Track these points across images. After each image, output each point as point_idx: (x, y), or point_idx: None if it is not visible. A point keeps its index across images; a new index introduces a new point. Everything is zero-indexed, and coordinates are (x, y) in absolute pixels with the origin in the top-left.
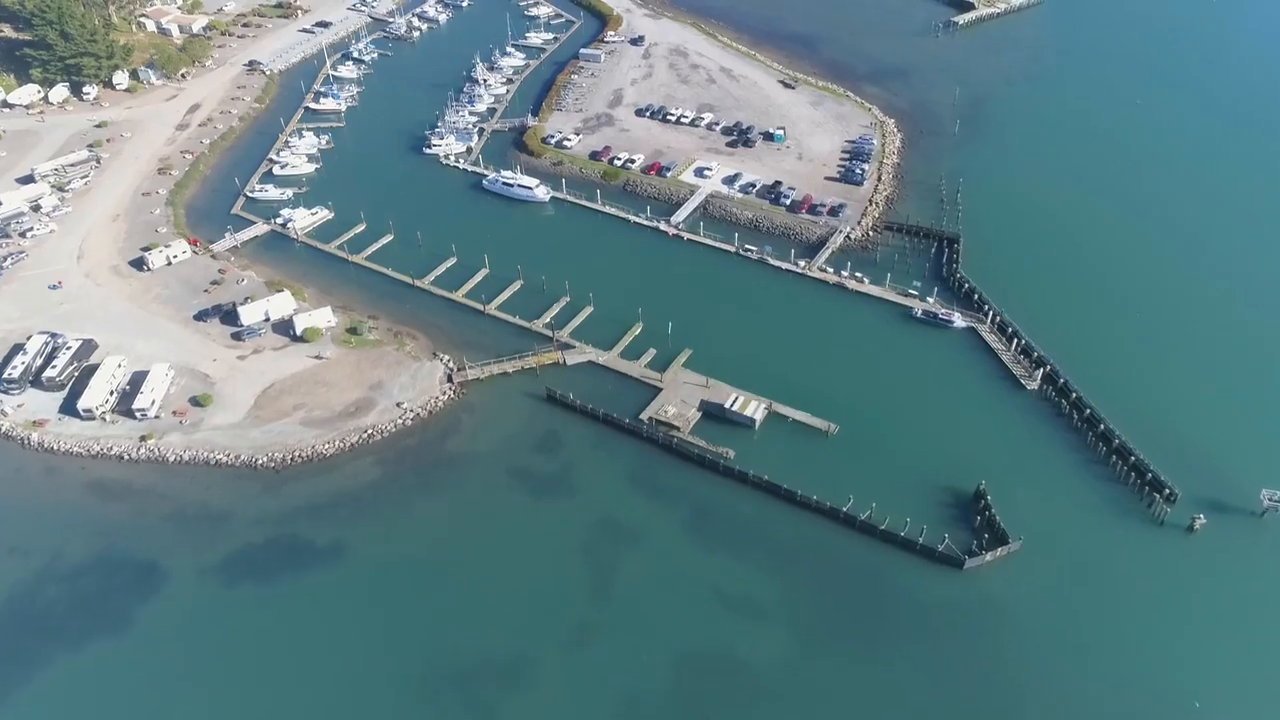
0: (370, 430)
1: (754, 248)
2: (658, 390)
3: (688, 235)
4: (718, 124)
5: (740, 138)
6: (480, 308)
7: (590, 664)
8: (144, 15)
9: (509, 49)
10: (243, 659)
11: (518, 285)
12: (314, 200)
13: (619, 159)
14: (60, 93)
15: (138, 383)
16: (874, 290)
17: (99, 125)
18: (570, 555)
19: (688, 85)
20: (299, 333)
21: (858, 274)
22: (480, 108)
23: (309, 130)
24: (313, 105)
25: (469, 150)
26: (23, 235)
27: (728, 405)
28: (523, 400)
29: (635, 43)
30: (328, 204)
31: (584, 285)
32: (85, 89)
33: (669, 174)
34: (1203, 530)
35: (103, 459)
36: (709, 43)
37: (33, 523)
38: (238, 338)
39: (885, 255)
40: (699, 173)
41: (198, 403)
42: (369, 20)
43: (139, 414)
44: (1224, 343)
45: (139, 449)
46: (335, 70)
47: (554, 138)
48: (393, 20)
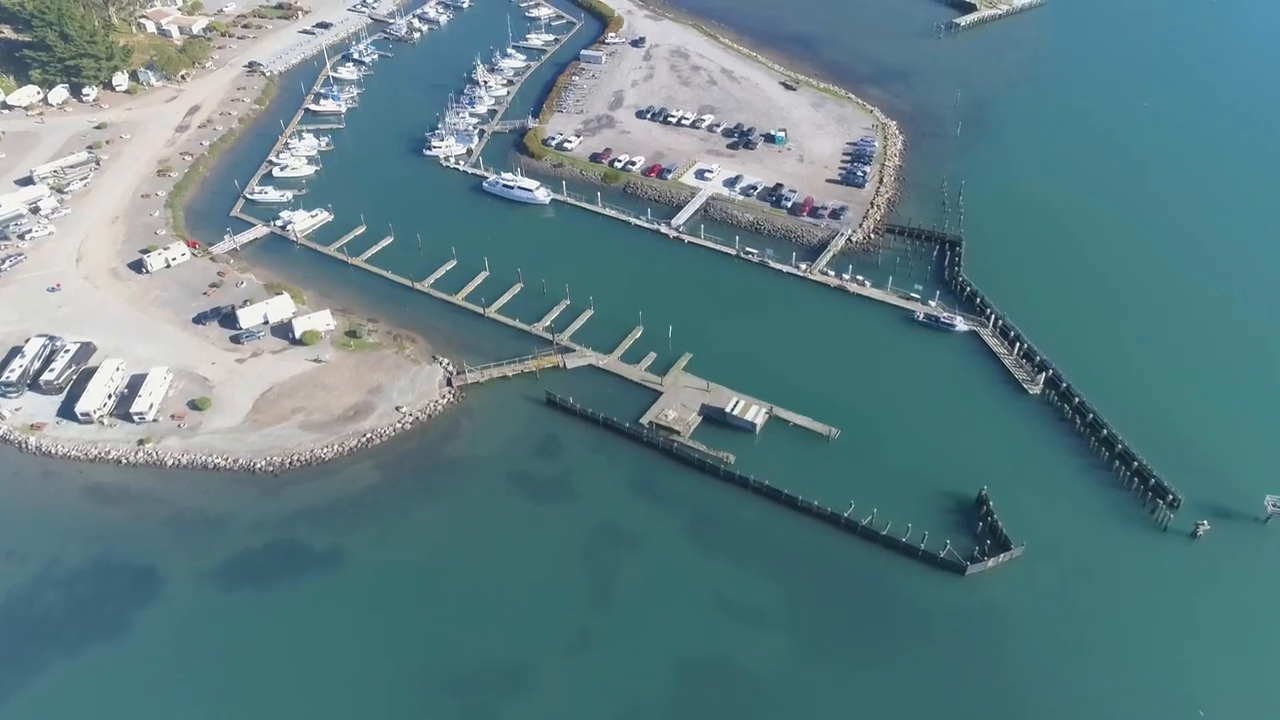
0: (369, 434)
1: (755, 250)
2: (658, 394)
3: (688, 238)
4: (718, 126)
5: (741, 140)
6: (480, 311)
7: (590, 670)
8: (144, 16)
9: (509, 50)
10: (241, 664)
11: (518, 288)
12: (314, 202)
13: (619, 161)
14: (59, 94)
15: (136, 386)
16: (875, 293)
17: (98, 127)
18: (570, 560)
19: (689, 87)
20: (298, 336)
21: (859, 277)
22: (481, 109)
23: (309, 132)
24: (313, 107)
25: (469, 152)
26: (21, 237)
27: (728, 409)
28: (522, 404)
29: (636, 44)
30: (327, 206)
31: (584, 288)
32: (85, 90)
33: (670, 176)
34: (1206, 536)
35: (100, 463)
36: (710, 44)
37: (30, 527)
38: (236, 341)
39: (887, 258)
40: (700, 175)
41: (196, 406)
42: (369, 21)
43: (137, 417)
44: (1228, 347)
45: (137, 453)
46: (335, 72)
47: (554, 140)
48: (393, 21)
